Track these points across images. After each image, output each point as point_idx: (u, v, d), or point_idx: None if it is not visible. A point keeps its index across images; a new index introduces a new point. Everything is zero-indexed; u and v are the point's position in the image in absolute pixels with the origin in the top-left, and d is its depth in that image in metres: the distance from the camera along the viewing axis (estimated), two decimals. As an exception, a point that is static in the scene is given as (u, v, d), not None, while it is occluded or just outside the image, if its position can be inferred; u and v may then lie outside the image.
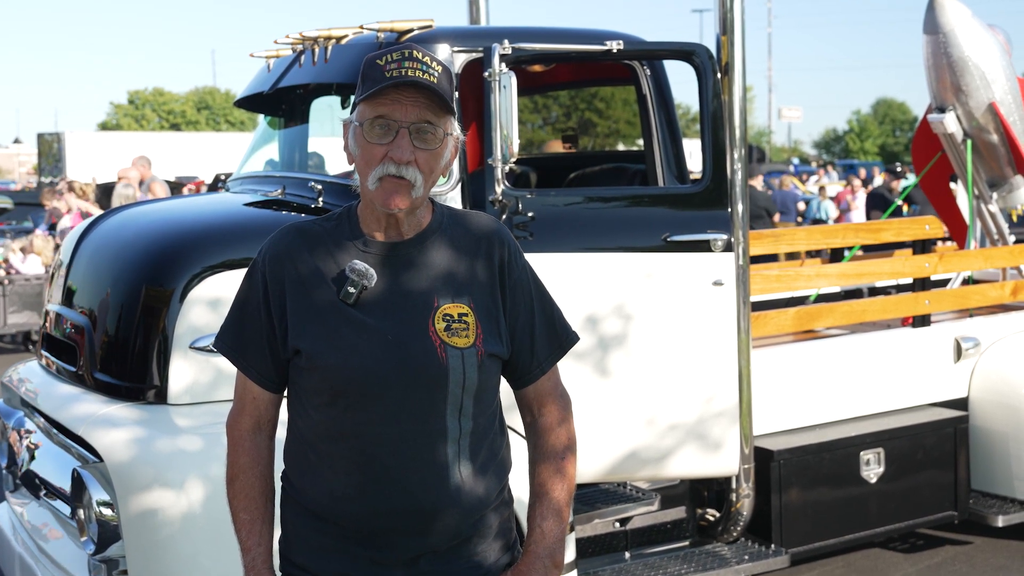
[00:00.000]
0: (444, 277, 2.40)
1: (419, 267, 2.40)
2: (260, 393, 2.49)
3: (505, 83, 4.19)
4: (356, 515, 2.35)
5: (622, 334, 4.56)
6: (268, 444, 2.51)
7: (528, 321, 2.49)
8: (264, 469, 2.49)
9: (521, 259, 2.53)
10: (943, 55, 6.41)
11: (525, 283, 2.51)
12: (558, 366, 2.58)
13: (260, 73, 5.46)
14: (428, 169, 2.35)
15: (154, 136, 47.95)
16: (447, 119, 2.36)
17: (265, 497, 2.49)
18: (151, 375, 4.12)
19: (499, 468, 2.49)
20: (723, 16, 4.80)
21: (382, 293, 2.37)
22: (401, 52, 2.32)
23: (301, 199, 4.64)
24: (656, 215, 4.69)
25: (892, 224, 6.30)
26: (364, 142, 2.34)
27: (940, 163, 7.12)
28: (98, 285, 4.48)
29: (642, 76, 4.82)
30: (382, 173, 2.32)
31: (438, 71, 2.32)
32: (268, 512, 2.49)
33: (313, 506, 2.40)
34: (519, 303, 2.48)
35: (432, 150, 2.35)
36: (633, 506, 4.79)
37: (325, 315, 2.36)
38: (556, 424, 2.55)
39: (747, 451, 4.86)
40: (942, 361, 5.84)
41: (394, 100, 2.31)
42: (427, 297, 2.37)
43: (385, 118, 2.32)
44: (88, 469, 3.87)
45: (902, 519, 5.53)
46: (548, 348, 2.54)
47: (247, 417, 2.50)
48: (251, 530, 2.46)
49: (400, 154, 2.31)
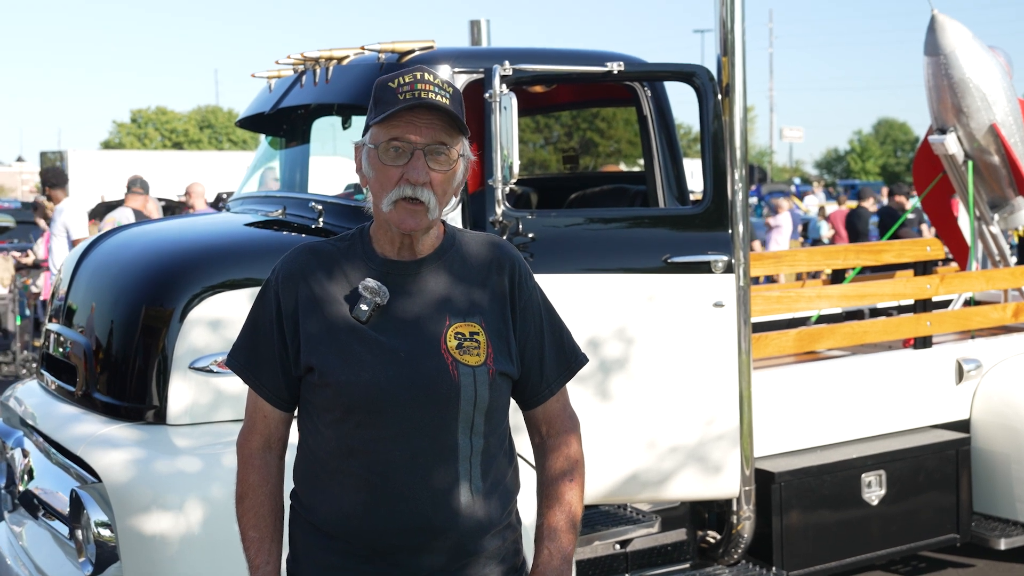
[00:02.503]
0: (455, 296, 2.42)
1: (431, 286, 2.42)
2: (271, 411, 2.50)
3: (506, 104, 4.19)
4: (364, 532, 2.36)
5: (623, 355, 4.56)
6: (278, 463, 2.53)
7: (538, 341, 2.51)
8: (274, 488, 2.51)
9: (531, 280, 2.54)
10: (944, 76, 6.42)
11: (535, 304, 2.53)
12: (567, 387, 2.59)
13: (262, 93, 5.47)
14: (442, 190, 2.37)
15: (157, 155, 48.02)
16: (460, 140, 2.39)
17: (274, 516, 2.50)
18: (151, 395, 4.11)
19: (507, 490, 2.50)
20: (724, 37, 4.81)
21: (394, 312, 2.39)
22: (413, 74, 2.34)
23: (302, 219, 4.65)
24: (657, 236, 4.69)
25: (894, 245, 6.30)
26: (379, 164, 2.36)
27: (941, 184, 7.12)
28: (98, 305, 4.48)
29: (643, 97, 4.83)
30: (398, 196, 2.34)
31: (450, 92, 2.35)
32: (277, 531, 2.50)
33: (322, 524, 2.41)
34: (529, 323, 2.50)
35: (446, 171, 2.37)
36: (634, 528, 4.77)
37: (338, 333, 2.38)
38: (565, 444, 2.56)
39: (748, 473, 4.85)
40: (944, 383, 5.82)
41: (408, 122, 2.33)
42: (439, 316, 2.39)
43: (400, 140, 2.34)
44: (87, 490, 3.86)
45: (904, 542, 5.50)
46: (557, 369, 2.55)
47: (258, 435, 2.51)
48: (260, 548, 2.48)
49: (416, 175, 2.33)
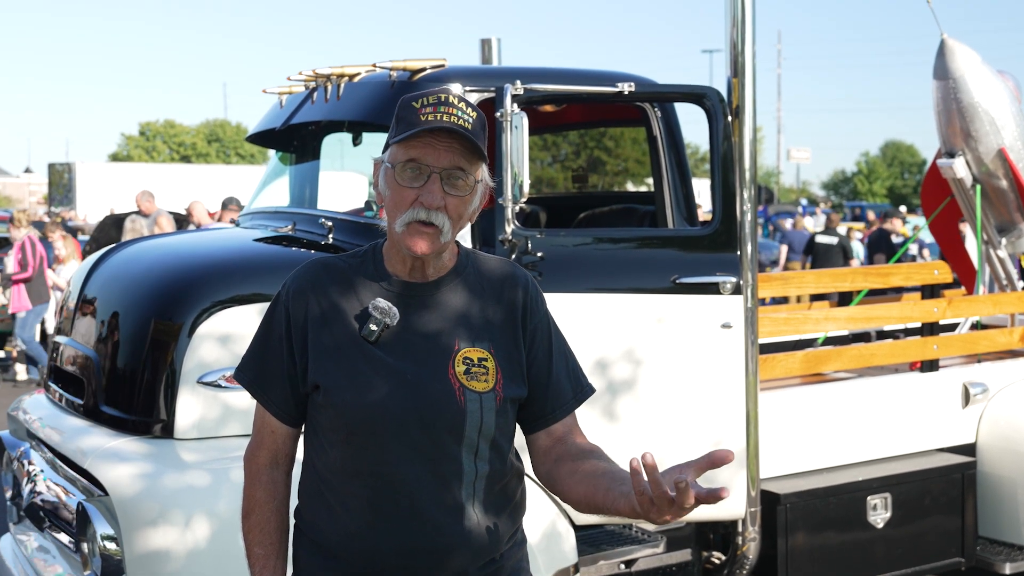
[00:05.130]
0: (465, 320, 2.40)
1: (441, 309, 2.40)
2: (278, 427, 2.49)
3: (517, 123, 4.20)
4: (367, 553, 2.35)
5: (631, 375, 4.56)
6: (285, 479, 2.52)
7: (546, 367, 2.48)
8: (280, 504, 2.50)
9: (542, 304, 2.52)
10: (953, 100, 6.43)
11: (544, 328, 2.50)
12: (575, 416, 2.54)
13: (272, 109, 5.49)
14: (457, 215, 2.35)
15: (165, 168, 48.17)
16: (479, 166, 2.37)
17: (280, 532, 2.50)
18: (158, 409, 4.11)
19: (514, 511, 2.48)
20: (734, 59, 4.82)
21: (403, 333, 2.37)
22: (438, 96, 2.32)
23: (311, 235, 4.66)
24: (665, 257, 4.70)
25: (901, 268, 6.30)
26: (395, 184, 2.34)
27: (949, 208, 7.13)
28: (107, 318, 4.49)
29: (653, 118, 4.84)
30: (411, 218, 2.32)
31: (472, 117, 2.33)
32: (283, 547, 2.50)
33: (325, 543, 2.40)
34: (538, 347, 2.47)
35: (462, 197, 2.35)
36: (639, 548, 4.76)
37: (345, 351, 2.37)
38: (582, 441, 2.50)
39: (754, 494, 4.84)
40: (950, 406, 5.82)
41: (427, 144, 2.31)
42: (448, 339, 2.37)
43: (417, 162, 2.31)
44: (93, 503, 3.86)
45: (909, 565, 5.48)
46: (562, 397, 2.50)
47: (265, 451, 2.51)
48: (264, 565, 2.48)
49: (430, 199, 2.31)
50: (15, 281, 12.75)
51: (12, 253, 12.92)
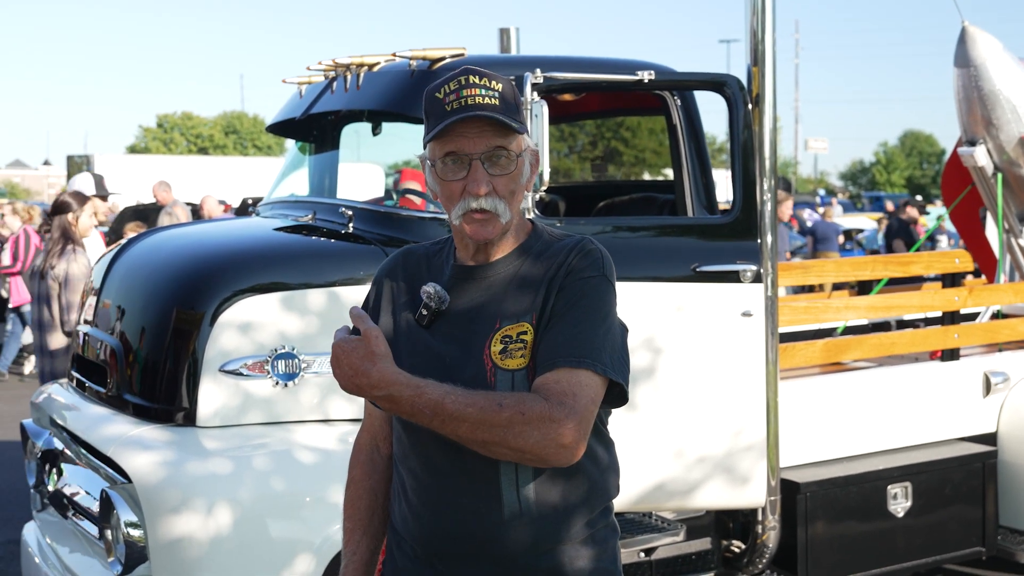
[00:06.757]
0: (511, 297, 2.35)
1: (489, 289, 2.37)
2: (373, 409, 2.54)
3: (537, 112, 4.20)
4: (418, 536, 2.38)
5: (651, 363, 4.56)
6: (384, 461, 2.56)
7: (551, 325, 2.29)
8: (374, 484, 2.55)
9: (588, 271, 2.32)
10: (974, 88, 6.40)
11: (573, 292, 2.30)
12: (579, 385, 2.24)
13: (292, 99, 5.50)
14: (508, 192, 2.33)
15: (182, 159, 48.27)
16: (517, 138, 2.34)
17: (370, 510, 2.54)
18: (181, 397, 4.13)
19: (584, 497, 2.36)
20: (754, 47, 4.80)
21: (453, 316, 2.37)
22: (458, 80, 2.30)
23: (331, 224, 4.67)
24: (685, 245, 4.69)
25: (922, 257, 6.28)
26: (440, 180, 2.34)
27: (970, 196, 7.10)
28: (129, 307, 4.51)
29: (673, 106, 4.83)
30: (464, 209, 2.31)
31: (499, 90, 2.30)
32: (370, 524, 2.54)
33: (395, 524, 2.47)
34: (555, 304, 2.31)
35: (509, 174, 2.33)
36: (659, 536, 4.77)
37: (400, 336, 2.40)
38: (534, 390, 2.24)
39: (774, 483, 4.84)
40: (971, 395, 5.80)
41: (460, 134, 2.29)
42: (490, 320, 2.34)
43: (455, 153, 2.30)
44: (117, 490, 3.89)
45: (929, 554, 5.48)
46: (552, 353, 2.25)
47: (366, 432, 2.58)
48: (350, 538, 2.55)
49: (476, 187, 2.29)
50: (9, 274, 12.73)
51: (7, 247, 12.91)
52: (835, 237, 17.98)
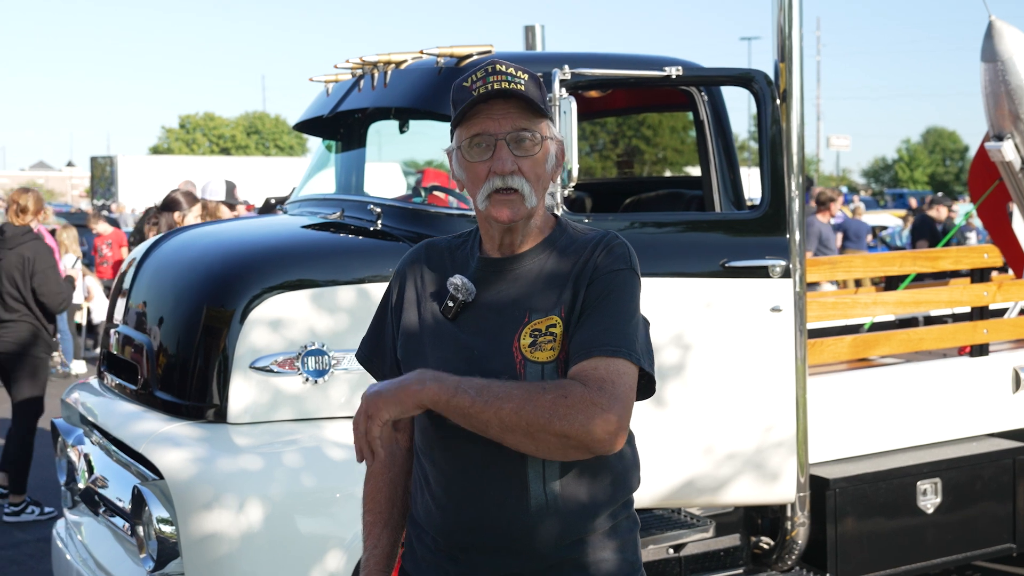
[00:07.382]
0: (540, 291, 2.36)
1: (518, 282, 2.38)
2: None
3: (565, 108, 4.20)
4: (441, 529, 2.38)
5: (680, 359, 4.55)
6: (404, 453, 2.55)
7: (582, 319, 2.30)
8: (394, 476, 2.54)
9: (617, 265, 2.34)
10: (1001, 83, 6.36)
11: (603, 286, 2.31)
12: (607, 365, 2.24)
13: (319, 97, 5.52)
14: (534, 176, 2.34)
15: (204, 160, 48.49)
16: (542, 123, 2.36)
17: (390, 503, 2.53)
18: (211, 394, 4.15)
19: (607, 489, 2.38)
20: (781, 43, 4.79)
21: (480, 308, 2.37)
22: (484, 69, 2.33)
23: (360, 222, 4.68)
24: (714, 241, 4.69)
25: (950, 252, 6.25)
26: (466, 163, 2.35)
27: (997, 191, 7.05)
28: (160, 305, 4.54)
29: (699, 102, 4.82)
30: (490, 189, 2.32)
31: (524, 79, 2.32)
32: (391, 517, 2.53)
33: (416, 515, 2.46)
34: (586, 298, 2.31)
35: (534, 156, 2.34)
36: (688, 532, 4.75)
37: (425, 328, 2.41)
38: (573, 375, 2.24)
39: (803, 479, 4.83)
40: (1000, 391, 5.77)
41: (485, 116, 2.32)
42: (519, 313, 2.34)
43: (481, 135, 2.32)
44: (148, 487, 3.91)
45: (959, 551, 5.45)
46: (588, 343, 2.25)
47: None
48: (370, 532, 2.53)
49: (502, 166, 2.31)
50: None
51: None
52: (865, 236, 17.81)
